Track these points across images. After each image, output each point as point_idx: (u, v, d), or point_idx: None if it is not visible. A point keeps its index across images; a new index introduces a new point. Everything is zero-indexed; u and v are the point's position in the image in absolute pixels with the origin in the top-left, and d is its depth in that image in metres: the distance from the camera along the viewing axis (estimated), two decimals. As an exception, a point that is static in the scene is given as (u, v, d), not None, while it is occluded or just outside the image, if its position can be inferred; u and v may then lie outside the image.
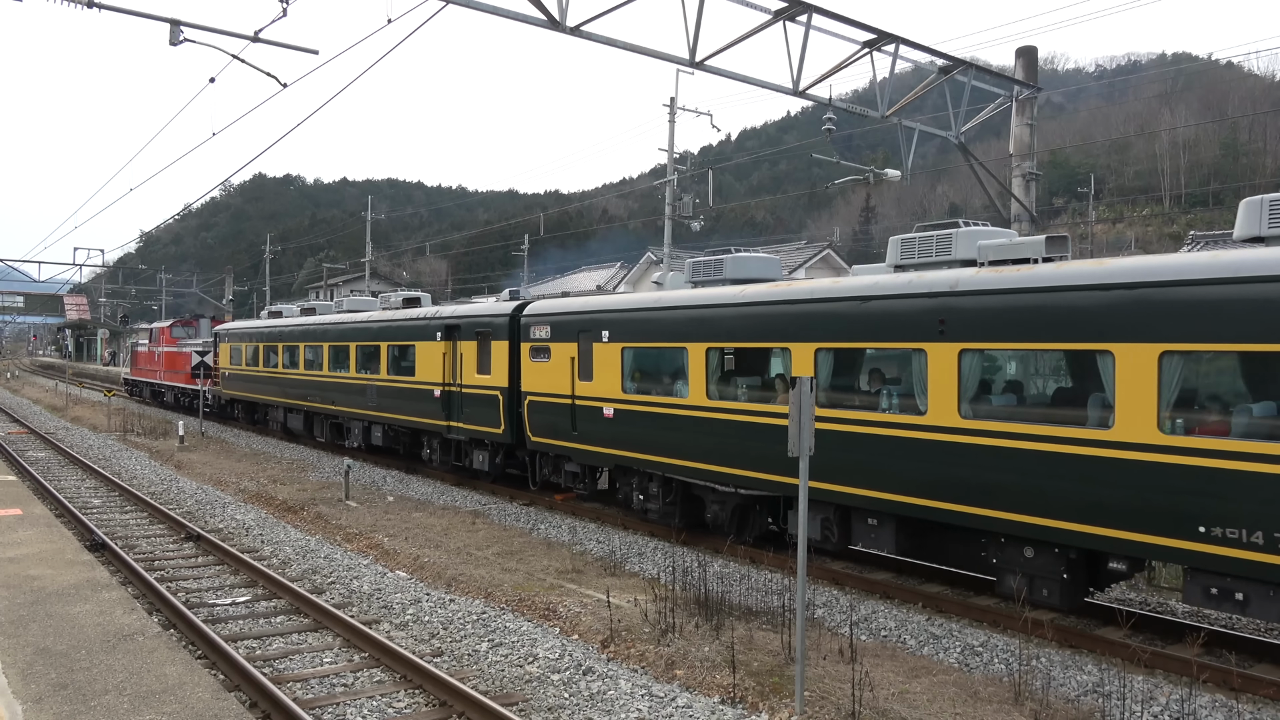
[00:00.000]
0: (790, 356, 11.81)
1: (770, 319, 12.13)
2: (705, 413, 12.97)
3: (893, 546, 10.95)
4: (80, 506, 16.86)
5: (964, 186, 76.44)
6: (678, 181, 30.55)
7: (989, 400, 10.01)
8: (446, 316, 19.42)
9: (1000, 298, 9.56)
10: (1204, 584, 8.33)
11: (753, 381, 13.11)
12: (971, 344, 9.78)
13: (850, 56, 15.51)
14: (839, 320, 11.19)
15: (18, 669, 7.57)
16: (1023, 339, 9.42)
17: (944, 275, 10.32)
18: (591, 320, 15.17)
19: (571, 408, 15.53)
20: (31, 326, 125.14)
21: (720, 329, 12.81)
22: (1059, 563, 9.40)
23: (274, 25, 13.33)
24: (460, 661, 8.99)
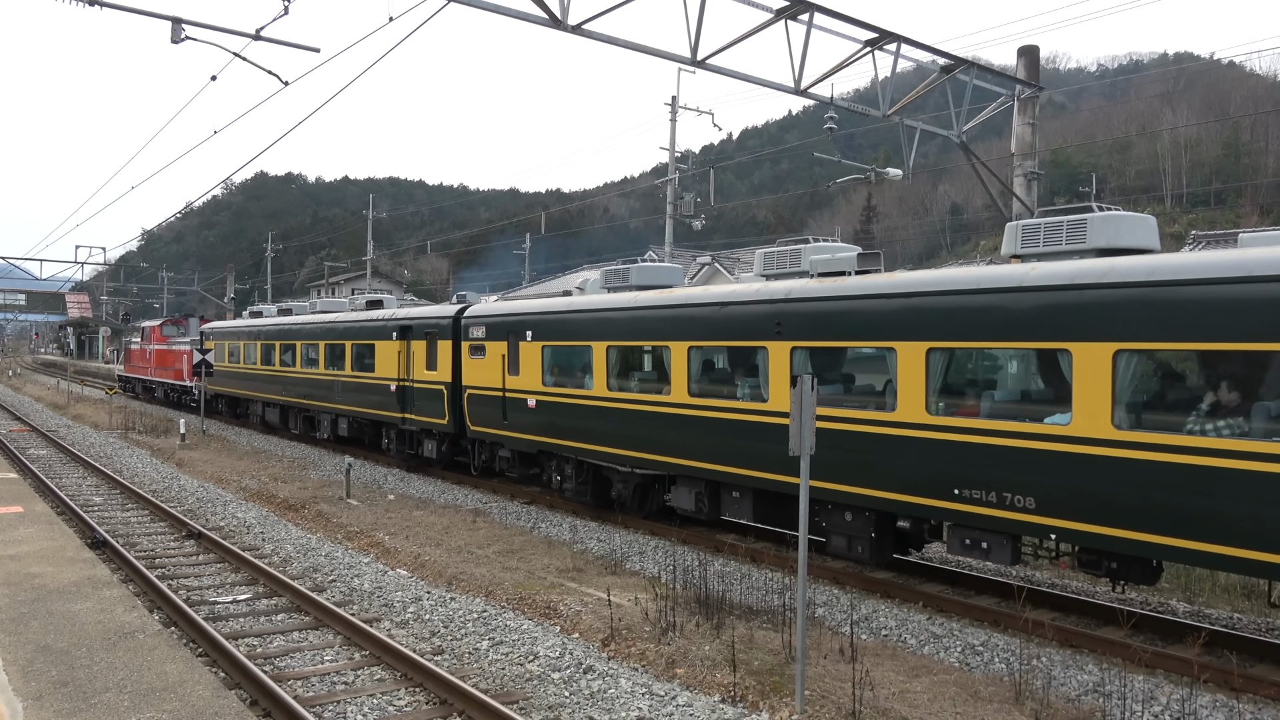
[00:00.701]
0: (670, 354, 13.56)
1: (655, 321, 13.90)
2: (607, 403, 14.72)
3: (751, 515, 12.84)
4: (81, 504, 16.88)
5: (965, 186, 76.42)
6: (679, 180, 30.54)
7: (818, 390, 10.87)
8: (401, 318, 21.09)
9: (819, 304, 11.49)
10: (960, 536, 10.22)
11: (644, 375, 14.71)
12: (800, 342, 11.66)
13: (852, 55, 15.49)
14: (705, 322, 13.03)
15: (18, 666, 7.57)
16: (835, 338, 11.41)
17: (781, 285, 12.14)
18: (519, 322, 16.94)
19: (503, 399, 17.26)
20: (33, 324, 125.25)
21: (618, 330, 14.60)
22: (869, 525, 11.26)
23: (275, 23, 13.33)
24: (461, 660, 8.99)
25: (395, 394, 21.02)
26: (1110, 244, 9.56)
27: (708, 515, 13.52)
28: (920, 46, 15.79)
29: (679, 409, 13.38)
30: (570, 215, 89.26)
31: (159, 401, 41.32)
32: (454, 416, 19.00)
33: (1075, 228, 9.73)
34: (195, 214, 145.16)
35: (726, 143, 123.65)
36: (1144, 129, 72.22)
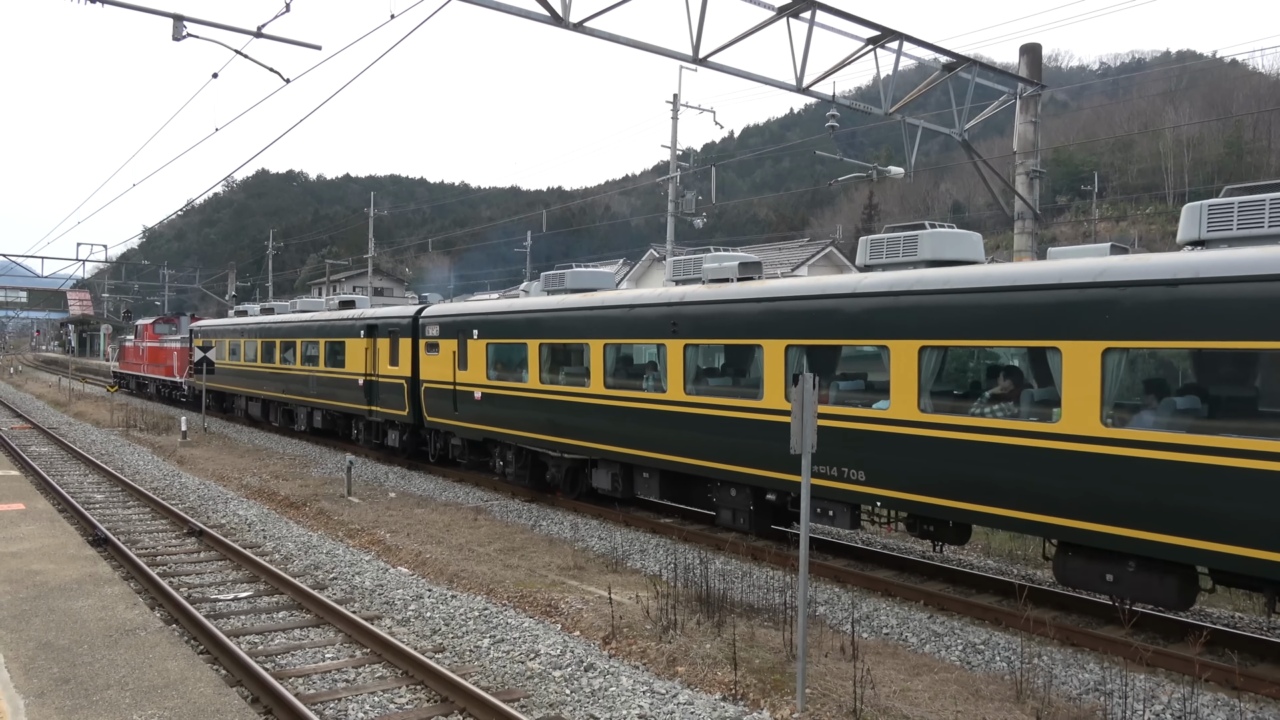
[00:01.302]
0: (590, 350, 15.20)
1: (578, 321, 15.50)
2: (540, 394, 16.42)
3: (658, 494, 14.54)
4: (83, 501, 16.89)
5: (967, 184, 76.35)
6: (681, 178, 30.52)
7: (706, 381, 13.50)
8: (367, 318, 22.67)
9: (704, 307, 13.14)
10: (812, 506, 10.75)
11: (570, 369, 16.11)
12: (691, 340, 13.30)
13: (854, 53, 15.47)
14: (618, 322, 14.65)
15: (20, 663, 7.58)
16: (716, 336, 13.07)
17: (677, 290, 13.82)
18: (467, 322, 18.58)
19: (453, 392, 18.88)
20: (35, 322, 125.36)
21: (548, 329, 16.28)
22: (748, 499, 12.98)
23: (277, 20, 13.35)
24: (462, 658, 8.99)
25: (363, 388, 22.48)
26: (937, 256, 11.08)
27: (622, 494, 15.08)
28: (922, 44, 15.76)
29: (597, 399, 15.02)
30: (572, 213, 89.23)
31: (151, 397, 42.43)
32: (413, 408, 20.59)
33: (910, 242, 11.28)
34: (197, 211, 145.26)
35: (728, 141, 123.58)
36: (1146, 127, 72.16)
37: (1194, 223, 9.23)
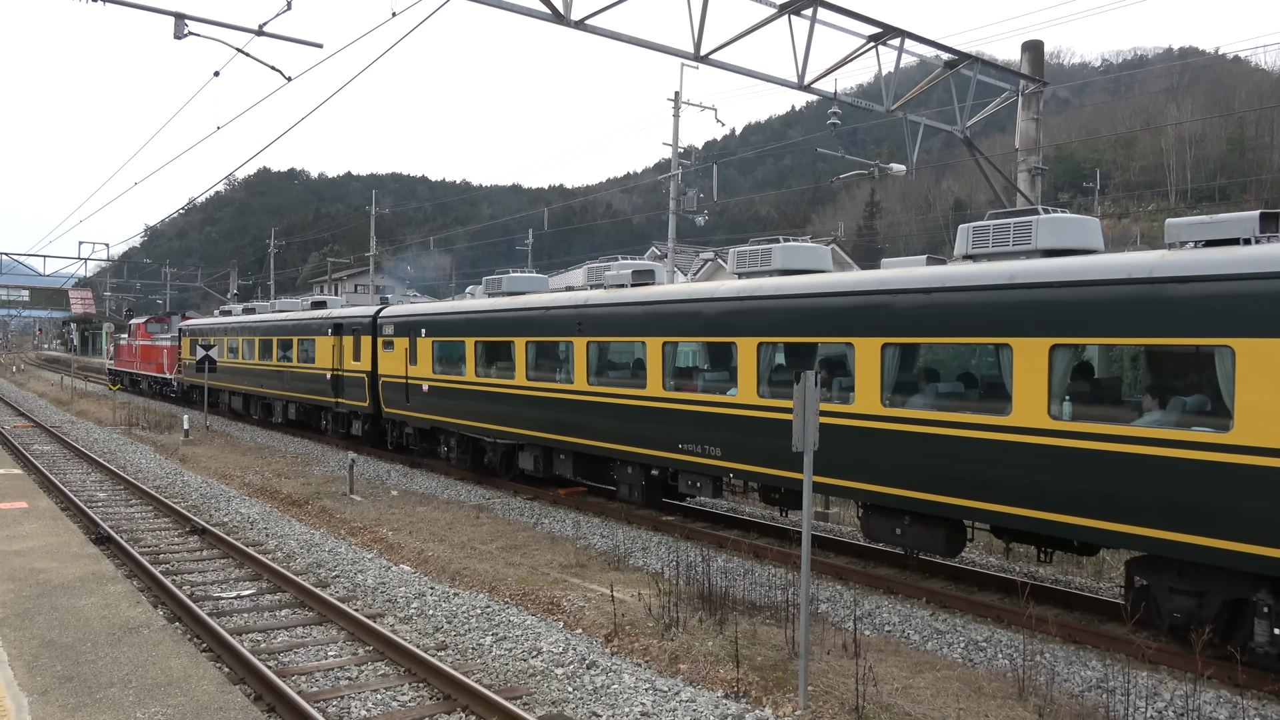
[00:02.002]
0: (515, 347, 17.02)
1: (506, 321, 17.38)
2: (476, 386, 18.21)
3: (572, 472, 16.33)
4: (86, 500, 16.91)
5: (969, 181, 76.23)
6: (682, 176, 30.50)
7: (606, 374, 15.27)
8: (335, 317, 24.54)
9: (602, 309, 15.00)
10: (684, 479, 13.95)
11: (501, 364, 17.71)
12: (593, 338, 15.16)
13: (855, 50, 15.45)
14: (537, 322, 16.54)
15: (23, 661, 7.59)
16: (613, 334, 14.86)
17: (582, 294, 15.72)
18: (417, 321, 20.34)
19: (405, 385, 20.73)
20: (37, 320, 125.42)
21: (482, 328, 18.10)
22: (640, 475, 14.84)
23: (278, 19, 13.35)
24: (464, 655, 9.00)
25: (330, 382, 24.53)
26: (787, 266, 12.90)
27: (544, 474, 17.05)
28: (924, 41, 15.74)
29: (521, 390, 16.95)
30: (573, 211, 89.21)
31: (144, 393, 43.94)
32: (373, 400, 22.48)
33: (764, 254, 13.21)
34: (198, 210, 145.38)
35: (729, 138, 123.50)
36: (1148, 124, 72.07)
37: (964, 241, 10.83)
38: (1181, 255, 8.40)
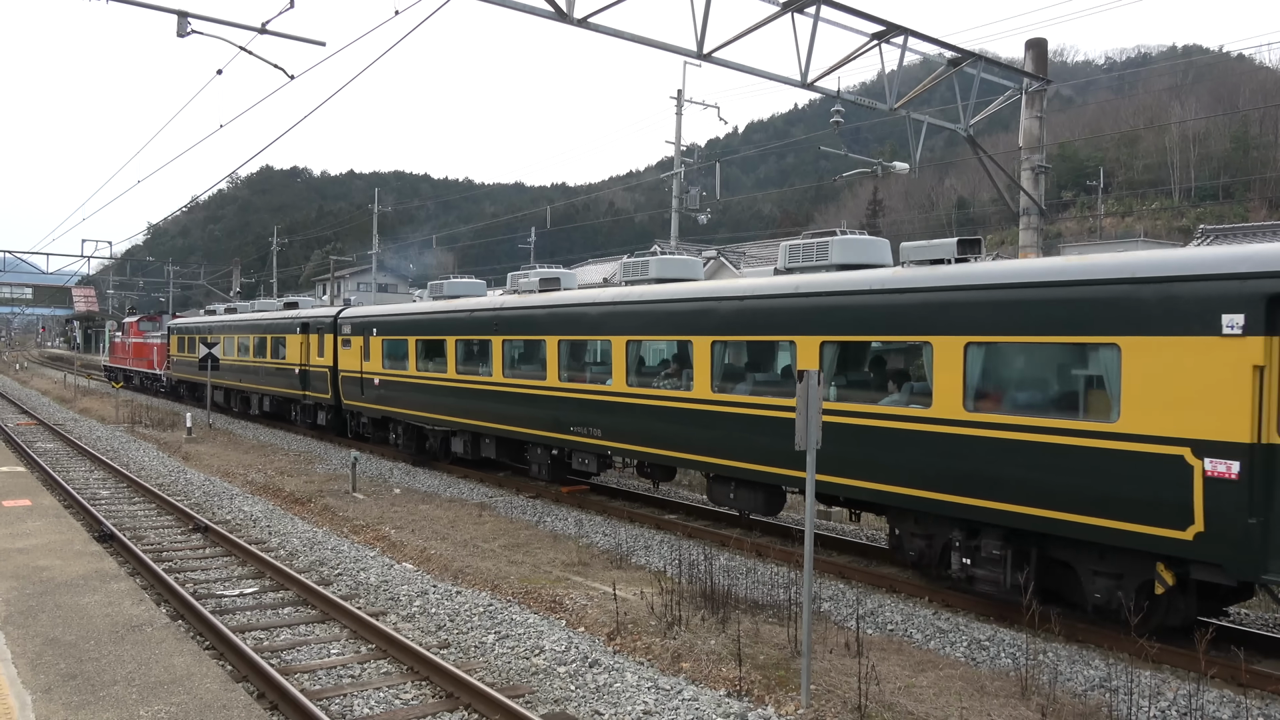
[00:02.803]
0: (447, 345, 19.26)
1: (441, 322, 19.67)
2: (417, 380, 20.46)
3: (495, 454, 18.45)
4: (89, 498, 16.93)
5: (972, 179, 76.16)
6: (685, 174, 30.48)
7: (518, 368, 17.33)
8: (303, 316, 26.82)
9: (512, 312, 17.27)
10: (576, 457, 16.23)
11: (436, 360, 19.82)
12: (506, 336, 17.42)
13: (858, 48, 15.41)
14: (464, 323, 18.80)
15: (27, 659, 7.60)
16: (521, 333, 17.08)
17: (499, 299, 18.22)
18: (370, 321, 22.61)
19: (361, 379, 22.98)
20: (40, 318, 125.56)
21: (421, 328, 20.44)
22: (547, 456, 16.93)
23: (281, 17, 13.32)
24: (467, 653, 9.01)
25: (299, 376, 26.70)
26: (661, 275, 15.03)
27: (472, 457, 19.25)
28: (927, 39, 15.70)
29: (452, 383, 19.14)
30: (576, 209, 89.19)
31: (136, 389, 45.72)
32: (335, 393, 24.72)
33: (643, 265, 15.43)
34: (201, 208, 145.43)
35: (732, 136, 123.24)
36: (1152, 122, 71.88)
37: (782, 256, 12.97)
38: (905, 272, 10.70)
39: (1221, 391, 7.94)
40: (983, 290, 9.75)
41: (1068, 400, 9.39)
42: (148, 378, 44.48)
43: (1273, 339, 7.76)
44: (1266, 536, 7.77)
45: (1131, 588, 8.96)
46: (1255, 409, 7.78)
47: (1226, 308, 7.96)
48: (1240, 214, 62.43)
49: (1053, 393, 9.62)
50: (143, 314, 51.00)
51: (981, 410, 9.70)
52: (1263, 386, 7.76)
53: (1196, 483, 8.07)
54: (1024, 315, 9.34)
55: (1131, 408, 8.49)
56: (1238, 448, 7.84)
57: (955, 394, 9.87)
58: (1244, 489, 7.82)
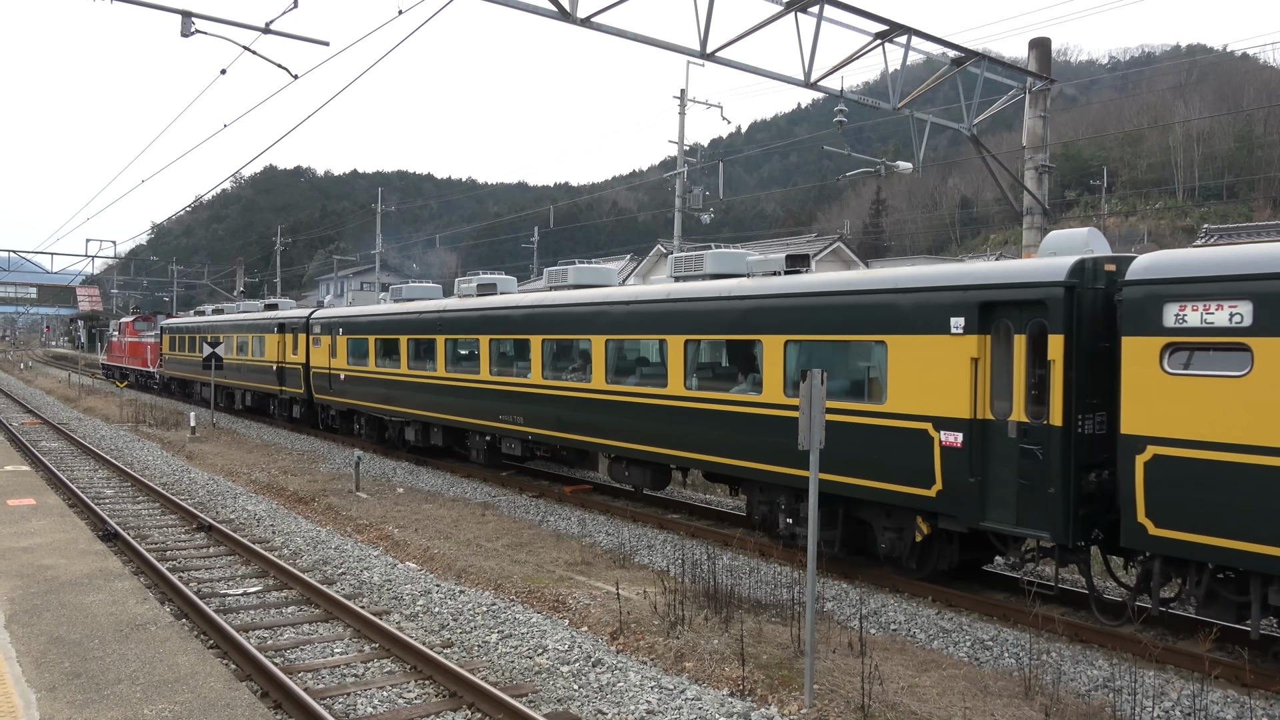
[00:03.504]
0: (400, 343, 21.41)
1: (395, 323, 21.83)
2: (375, 375, 22.65)
3: (442, 442, 20.65)
4: (93, 497, 16.97)
5: (976, 179, 76.07)
6: (688, 174, 30.46)
7: (460, 364, 19.37)
8: (280, 318, 28.78)
9: (453, 314, 19.48)
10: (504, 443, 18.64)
11: (392, 357, 21.91)
12: (449, 335, 19.60)
13: (862, 48, 15.41)
14: (415, 324, 20.99)
15: (31, 658, 7.62)
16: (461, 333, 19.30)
17: (442, 302, 20.80)
18: (337, 322, 24.78)
19: (329, 375, 25.10)
20: (44, 318, 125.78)
21: (379, 328, 22.60)
22: (485, 443, 19.21)
23: (285, 17, 13.33)
24: (470, 653, 9.01)
25: (275, 373, 28.64)
26: (578, 282, 16.97)
27: (423, 444, 21.36)
28: (931, 39, 15.69)
29: (405, 378, 21.19)
30: (579, 209, 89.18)
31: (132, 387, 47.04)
32: (307, 387, 26.71)
33: (561, 274, 17.38)
34: (205, 207, 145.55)
35: (735, 136, 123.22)
36: (1156, 122, 71.76)
37: (669, 265, 15.05)
38: (747, 282, 12.87)
39: (950, 378, 10.09)
40: (797, 298, 11.96)
41: (857, 387, 11.46)
42: (142, 375, 46.69)
43: (985, 337, 9.90)
44: (984, 492, 9.84)
45: (909, 539, 10.95)
46: (972, 391, 9.92)
47: (954, 312, 10.06)
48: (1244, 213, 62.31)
49: (847, 381, 11.57)
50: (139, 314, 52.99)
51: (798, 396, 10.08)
52: (977, 374, 9.92)
53: (936, 451, 10.18)
54: (826, 318, 11.57)
55: (895, 392, 10.62)
56: (961, 422, 9.98)
57: (779, 383, 12.08)
58: (966, 455, 9.92)
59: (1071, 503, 9.12)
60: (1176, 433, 8.38)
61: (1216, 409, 8.12)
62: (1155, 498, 8.51)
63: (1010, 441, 9.64)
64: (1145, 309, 8.64)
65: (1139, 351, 8.67)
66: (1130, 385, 8.72)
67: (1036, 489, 9.35)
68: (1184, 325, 8.40)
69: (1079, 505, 9.19)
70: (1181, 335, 8.40)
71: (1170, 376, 8.46)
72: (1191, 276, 8.41)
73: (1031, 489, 9.40)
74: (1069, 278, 9.27)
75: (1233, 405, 8.03)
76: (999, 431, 9.77)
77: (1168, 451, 8.43)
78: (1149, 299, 8.62)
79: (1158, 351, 8.54)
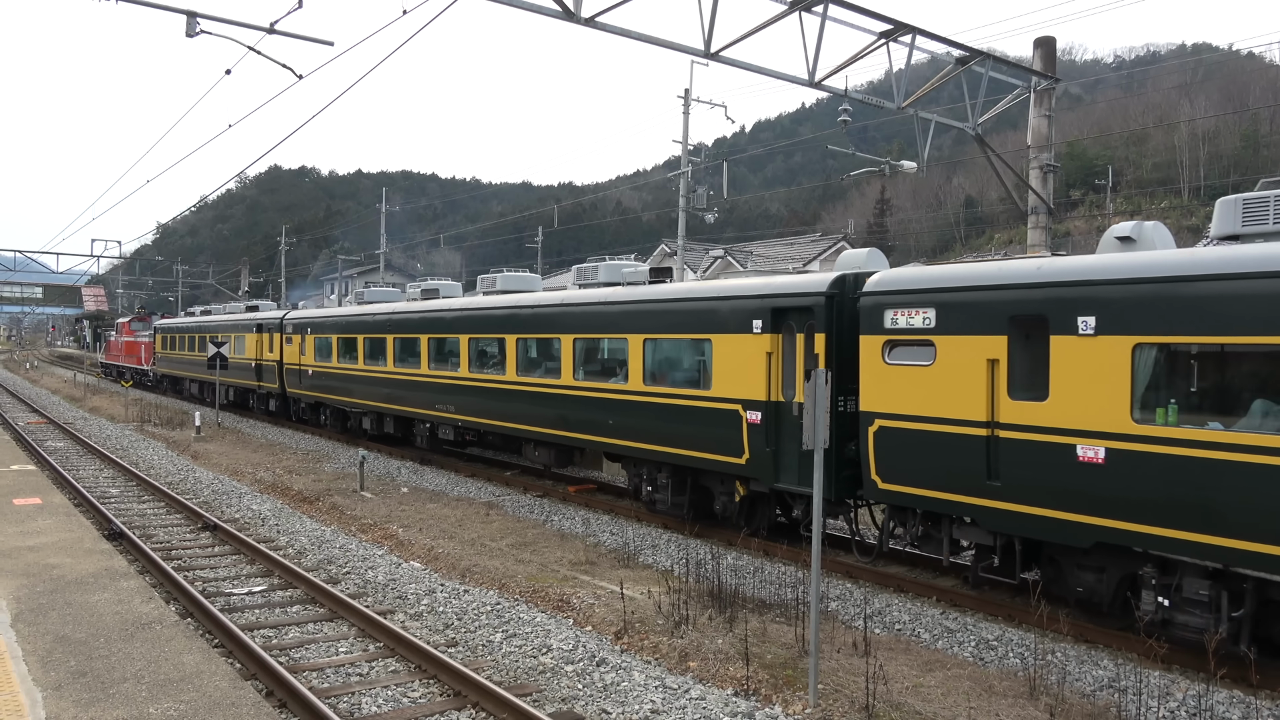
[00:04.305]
0: (357, 341, 23.97)
1: (354, 323, 24.46)
2: (338, 370, 25.30)
3: (394, 430, 23.26)
4: (98, 496, 17.01)
5: (980, 178, 75.86)
6: (692, 173, 30.44)
7: (407, 360, 21.55)
8: (258, 318, 31.57)
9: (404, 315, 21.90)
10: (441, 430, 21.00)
11: (351, 354, 24.44)
12: (397, 335, 22.02)
13: (866, 47, 15.39)
14: (369, 325, 23.48)
15: (37, 656, 7.64)
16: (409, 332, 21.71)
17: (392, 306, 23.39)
18: (306, 323, 27.42)
19: (299, 370, 27.58)
20: (50, 317, 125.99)
21: (341, 327, 25.19)
22: (427, 430, 21.63)
23: (290, 17, 13.36)
24: (474, 652, 9.02)
25: (254, 369, 31.17)
26: (505, 288, 19.44)
27: (377, 432, 24.00)
28: (935, 38, 15.66)
29: (361, 373, 23.92)
30: (583, 209, 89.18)
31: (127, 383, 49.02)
32: (281, 383, 29.27)
33: (491, 281, 19.71)
34: (210, 207, 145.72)
35: (739, 135, 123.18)
36: (1161, 121, 71.55)
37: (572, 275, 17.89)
38: (620, 290, 15.67)
39: (753, 368, 12.63)
40: (652, 304, 14.48)
41: (693, 377, 13.87)
42: (137, 372, 49.37)
43: (777, 335, 12.42)
44: (777, 460, 12.35)
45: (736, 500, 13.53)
46: (768, 379, 12.46)
47: (755, 316, 12.60)
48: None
49: (687, 372, 14.09)
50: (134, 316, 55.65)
51: (653, 384, 14.43)
52: (771, 365, 12.44)
53: (744, 427, 12.71)
54: (672, 320, 14.11)
55: (717, 380, 13.18)
56: (760, 404, 12.51)
57: (640, 374, 14.57)
58: (764, 430, 12.43)
59: (834, 467, 11.33)
60: (893, 409, 10.78)
61: (916, 390, 10.54)
62: (881, 460, 10.95)
63: (794, 419, 11.96)
64: (873, 314, 11.02)
65: (870, 347, 11.08)
66: (865, 373, 11.14)
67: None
68: (897, 327, 10.77)
69: (842, 469, 11.55)
70: (896, 334, 10.77)
71: (889, 366, 10.88)
72: (901, 289, 10.75)
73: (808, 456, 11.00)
74: (830, 289, 11.78)
75: (925, 387, 10.44)
76: (787, 410, 12.26)
77: (888, 424, 10.84)
78: (875, 306, 10.99)
79: (881, 346, 10.95)
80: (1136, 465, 8.50)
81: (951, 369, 10.10)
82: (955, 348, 10.12)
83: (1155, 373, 8.64)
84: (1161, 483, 8.33)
